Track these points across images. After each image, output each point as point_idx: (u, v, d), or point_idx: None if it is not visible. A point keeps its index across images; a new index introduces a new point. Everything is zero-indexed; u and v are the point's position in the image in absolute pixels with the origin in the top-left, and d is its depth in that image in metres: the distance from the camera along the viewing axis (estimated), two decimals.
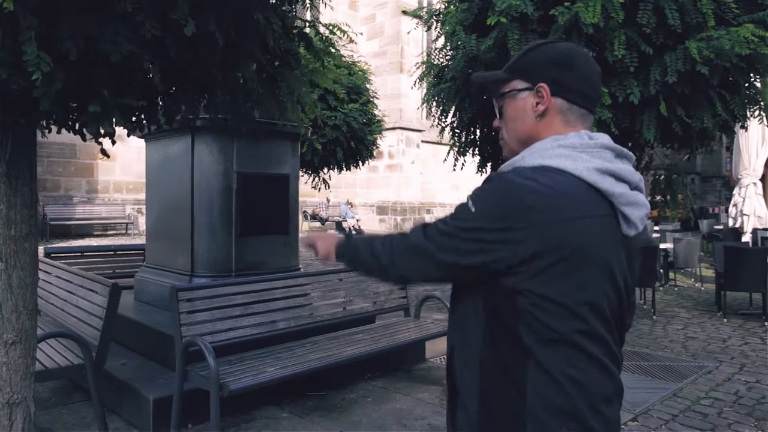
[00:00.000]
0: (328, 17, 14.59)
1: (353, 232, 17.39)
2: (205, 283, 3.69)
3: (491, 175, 1.07)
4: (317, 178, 9.31)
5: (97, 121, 1.76)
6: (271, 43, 2.30)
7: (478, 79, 1.30)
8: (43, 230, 12.57)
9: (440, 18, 5.81)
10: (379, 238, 1.21)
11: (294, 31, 2.59)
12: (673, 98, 4.69)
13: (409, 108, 18.17)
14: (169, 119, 2.40)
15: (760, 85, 5.36)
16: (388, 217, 19.44)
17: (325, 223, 18.13)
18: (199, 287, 3.48)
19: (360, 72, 9.21)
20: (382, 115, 9.76)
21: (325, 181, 9.44)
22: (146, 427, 3.25)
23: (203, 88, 2.39)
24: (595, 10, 4.33)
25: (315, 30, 3.08)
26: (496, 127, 1.23)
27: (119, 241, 12.09)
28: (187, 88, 2.31)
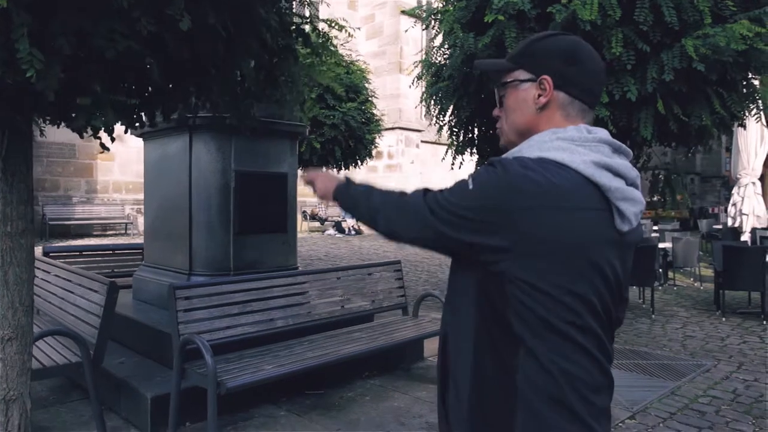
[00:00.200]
0: (326, 16, 14.56)
1: (353, 232, 17.44)
2: (202, 281, 3.69)
3: (493, 159, 1.06)
4: None
5: (87, 115, 1.76)
6: (269, 39, 2.30)
7: (482, 65, 1.29)
8: (43, 230, 12.57)
9: (438, 17, 5.82)
10: (378, 190, 1.22)
11: (292, 27, 2.60)
12: (670, 96, 4.70)
13: (408, 108, 18.15)
14: (166, 115, 2.40)
15: (758, 84, 5.37)
16: None
17: (324, 223, 18.13)
18: (197, 285, 3.48)
19: (358, 71, 9.21)
20: (381, 115, 9.75)
21: None
22: (144, 426, 3.25)
23: (200, 86, 2.39)
24: (593, 7, 4.33)
25: (313, 26, 3.07)
26: (496, 116, 1.22)
27: (118, 241, 12.08)
28: (183, 85, 2.31)
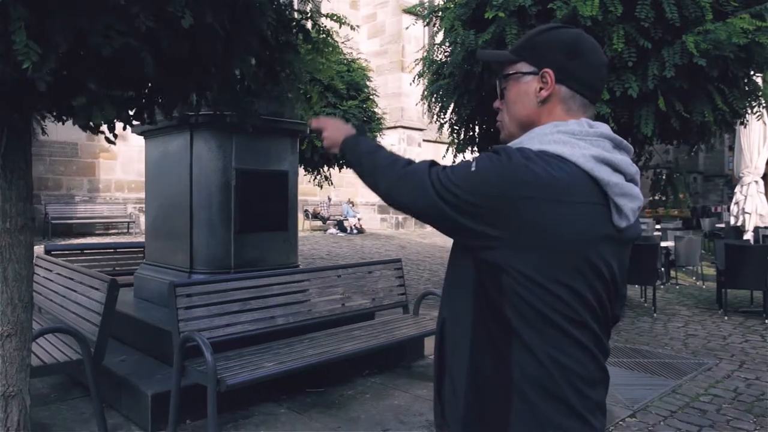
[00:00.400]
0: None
1: (355, 231, 17.44)
2: (203, 279, 3.69)
3: (497, 147, 1.06)
4: (318, 176, 9.30)
5: (86, 113, 1.76)
6: (269, 36, 2.29)
7: (484, 56, 1.28)
8: (45, 229, 12.61)
9: (439, 14, 5.82)
10: (385, 152, 1.21)
11: (293, 23, 2.59)
12: (672, 93, 4.68)
13: (410, 107, 18.16)
14: (167, 112, 2.39)
15: (760, 81, 5.35)
16: (389, 216, 19.44)
17: (326, 222, 18.13)
18: (198, 283, 3.48)
19: (359, 69, 9.19)
20: (382, 113, 9.74)
21: (327, 178, 9.41)
22: (144, 423, 3.25)
23: (201, 84, 2.39)
24: (594, 3, 4.32)
25: (314, 21, 3.06)
26: (497, 108, 1.22)
27: (120, 240, 12.10)
28: (183, 83, 2.30)
